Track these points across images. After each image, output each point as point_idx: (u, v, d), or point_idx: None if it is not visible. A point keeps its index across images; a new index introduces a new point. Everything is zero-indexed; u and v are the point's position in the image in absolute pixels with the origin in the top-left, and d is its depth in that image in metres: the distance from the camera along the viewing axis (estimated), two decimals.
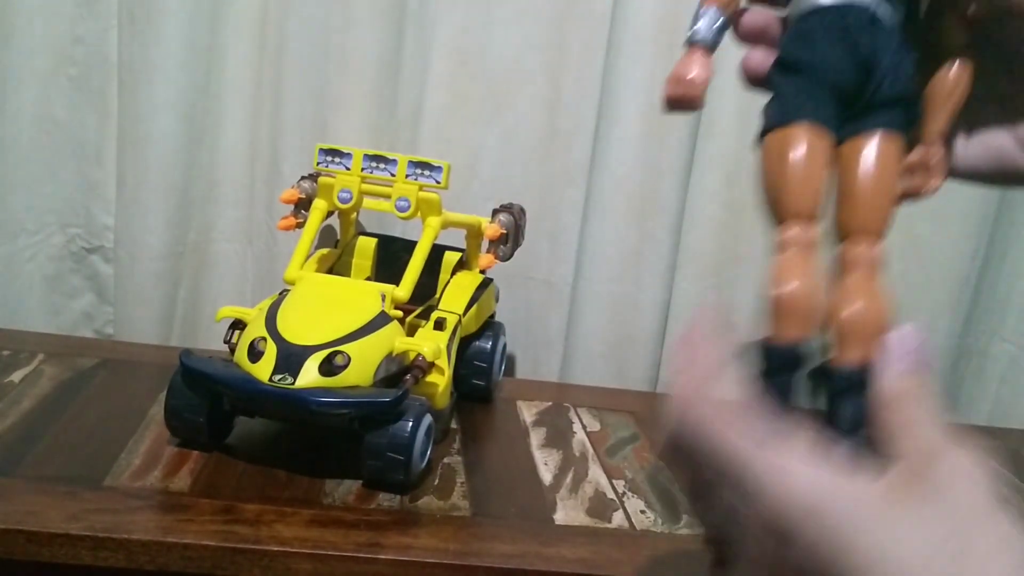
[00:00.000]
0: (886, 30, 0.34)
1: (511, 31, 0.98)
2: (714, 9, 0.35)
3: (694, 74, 0.34)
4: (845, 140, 0.33)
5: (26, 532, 0.60)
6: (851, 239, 0.33)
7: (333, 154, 0.83)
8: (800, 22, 0.34)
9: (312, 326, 0.71)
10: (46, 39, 0.93)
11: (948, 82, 0.36)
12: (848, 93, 0.33)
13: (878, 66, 0.33)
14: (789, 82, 0.34)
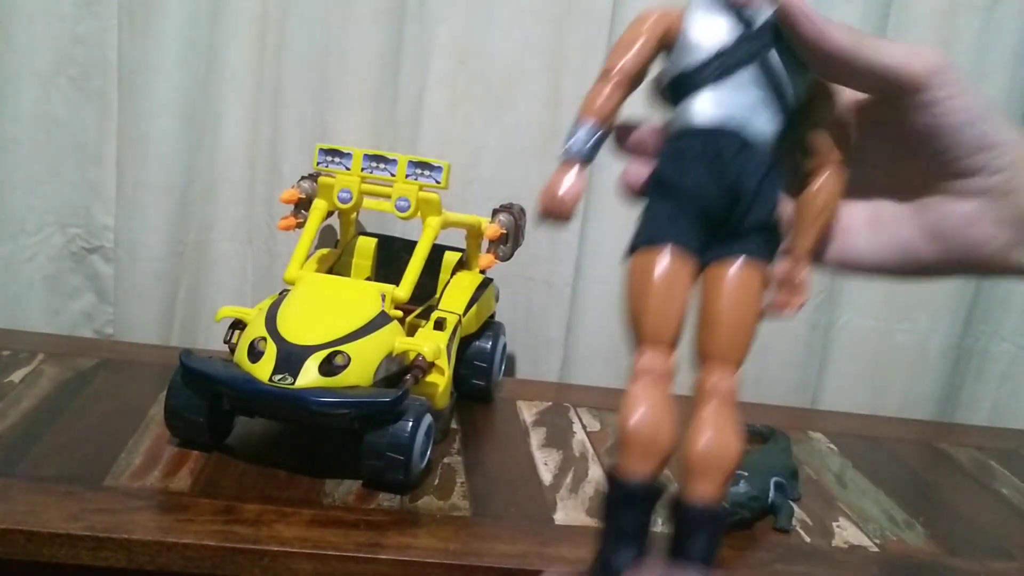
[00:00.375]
0: (756, 155, 0.33)
1: (511, 31, 0.98)
2: (590, 123, 0.34)
3: (565, 190, 0.34)
4: (710, 264, 0.33)
5: (26, 532, 0.60)
6: (708, 366, 0.33)
7: (333, 154, 0.83)
8: (675, 141, 0.34)
9: (312, 326, 0.71)
10: (46, 39, 0.93)
11: (819, 198, 0.36)
12: (715, 217, 0.33)
13: (743, 193, 0.33)
14: (659, 202, 0.34)
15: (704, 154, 0.33)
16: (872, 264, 0.37)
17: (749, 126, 0.34)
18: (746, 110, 0.34)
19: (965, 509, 0.84)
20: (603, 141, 0.35)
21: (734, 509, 0.71)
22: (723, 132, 0.34)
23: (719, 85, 0.34)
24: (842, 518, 0.78)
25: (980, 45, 1.01)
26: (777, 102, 0.34)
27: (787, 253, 0.36)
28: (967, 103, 0.34)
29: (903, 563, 0.72)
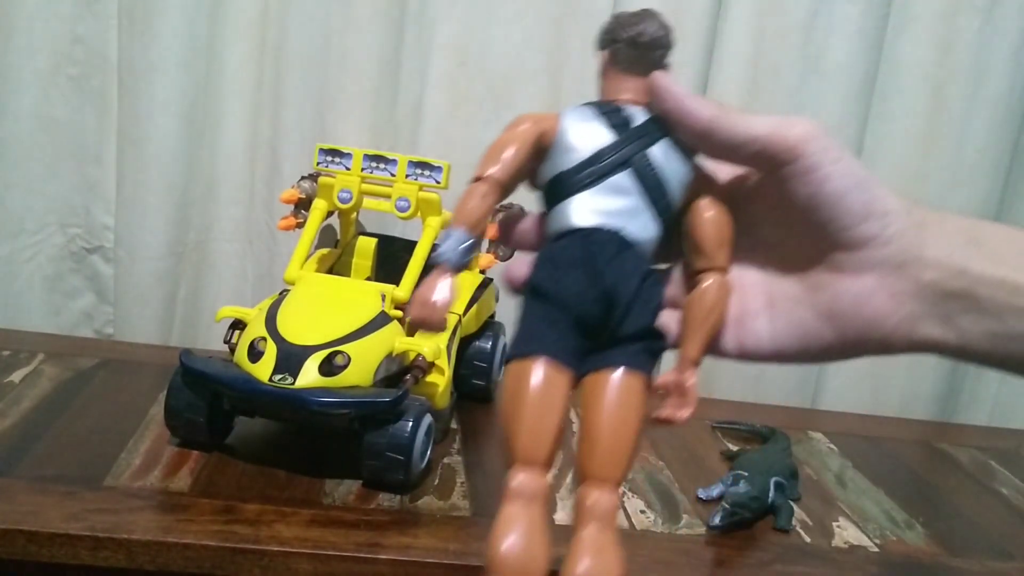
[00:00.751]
0: (633, 258, 0.33)
1: (511, 31, 0.98)
2: (461, 231, 0.34)
3: (436, 297, 0.33)
4: (589, 373, 0.32)
5: (26, 532, 0.60)
6: (587, 485, 0.32)
7: (333, 154, 0.83)
8: (553, 243, 0.34)
9: (312, 326, 0.71)
10: (46, 39, 0.93)
11: (705, 301, 0.35)
12: (592, 325, 0.32)
13: (620, 301, 0.32)
14: (536, 309, 0.33)
15: (579, 260, 0.33)
16: (772, 351, 0.36)
17: (626, 229, 0.33)
18: (623, 213, 0.34)
19: (965, 509, 0.84)
20: (474, 248, 0.34)
21: (734, 509, 0.71)
22: (599, 236, 0.33)
23: (596, 188, 0.34)
24: (842, 518, 0.78)
25: (980, 45, 1.01)
26: (657, 203, 0.34)
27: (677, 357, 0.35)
28: (845, 169, 0.33)
29: (903, 563, 0.72)
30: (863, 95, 1.01)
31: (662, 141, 0.34)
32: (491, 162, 0.34)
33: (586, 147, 0.34)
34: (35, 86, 0.94)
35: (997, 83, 1.02)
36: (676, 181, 0.34)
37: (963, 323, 0.33)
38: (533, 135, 0.34)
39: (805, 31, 0.99)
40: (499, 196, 0.34)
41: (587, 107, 0.35)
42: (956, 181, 1.05)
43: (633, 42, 0.34)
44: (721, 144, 0.34)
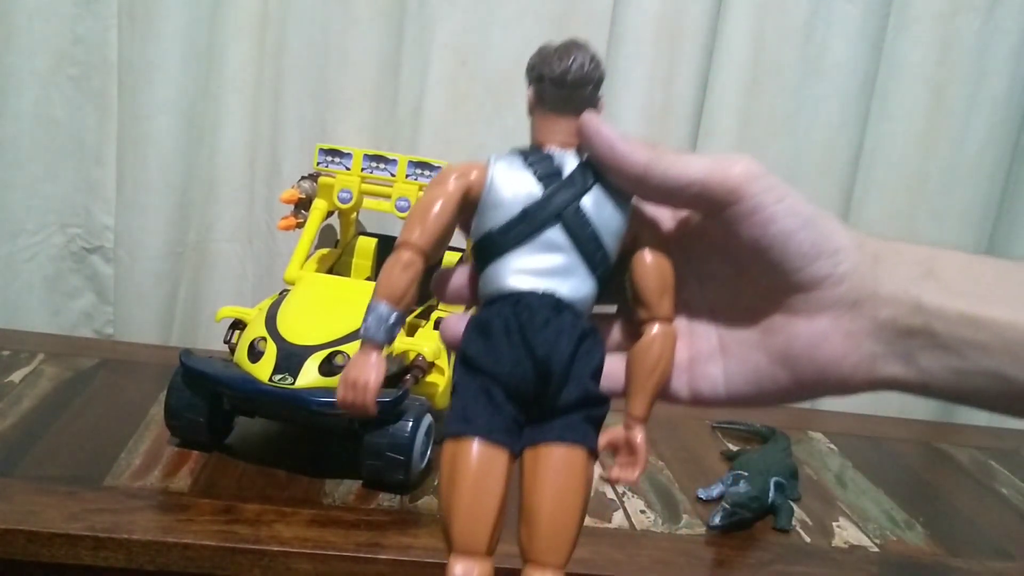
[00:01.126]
0: (568, 321, 0.31)
1: (511, 31, 0.98)
2: (385, 306, 0.32)
3: (365, 379, 0.31)
4: (527, 448, 0.31)
5: (26, 532, 0.60)
6: (531, 568, 0.31)
7: (333, 154, 0.83)
8: (484, 310, 0.32)
9: (312, 326, 0.71)
10: (46, 39, 0.93)
11: (650, 355, 0.33)
12: (527, 397, 0.31)
13: (555, 370, 0.30)
14: (468, 382, 0.31)
15: (510, 329, 0.31)
16: (727, 396, 0.35)
17: (559, 290, 0.32)
18: (556, 272, 0.32)
19: (965, 509, 0.84)
20: (401, 321, 0.32)
21: (734, 509, 0.71)
22: (530, 300, 0.31)
23: (526, 246, 0.32)
24: (842, 518, 0.78)
25: (980, 45, 1.01)
26: (591, 258, 0.32)
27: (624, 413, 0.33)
28: (790, 208, 0.31)
29: (903, 563, 0.72)
30: (863, 95, 1.01)
31: (595, 189, 0.32)
32: (413, 228, 0.32)
33: (514, 203, 0.32)
34: (35, 86, 0.94)
35: (997, 83, 1.02)
36: (611, 231, 0.32)
37: (923, 360, 0.31)
38: (457, 194, 0.32)
39: (805, 31, 0.99)
40: (423, 264, 0.32)
41: (515, 156, 0.33)
42: (956, 181, 1.05)
43: (559, 81, 0.32)
44: (657, 189, 0.32)
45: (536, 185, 0.32)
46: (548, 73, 0.32)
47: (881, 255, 0.32)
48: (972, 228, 1.07)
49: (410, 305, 0.32)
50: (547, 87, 0.32)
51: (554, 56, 0.32)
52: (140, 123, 0.94)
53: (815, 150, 1.02)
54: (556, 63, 0.32)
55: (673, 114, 0.99)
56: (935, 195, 1.05)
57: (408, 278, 0.32)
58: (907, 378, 0.32)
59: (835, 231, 0.32)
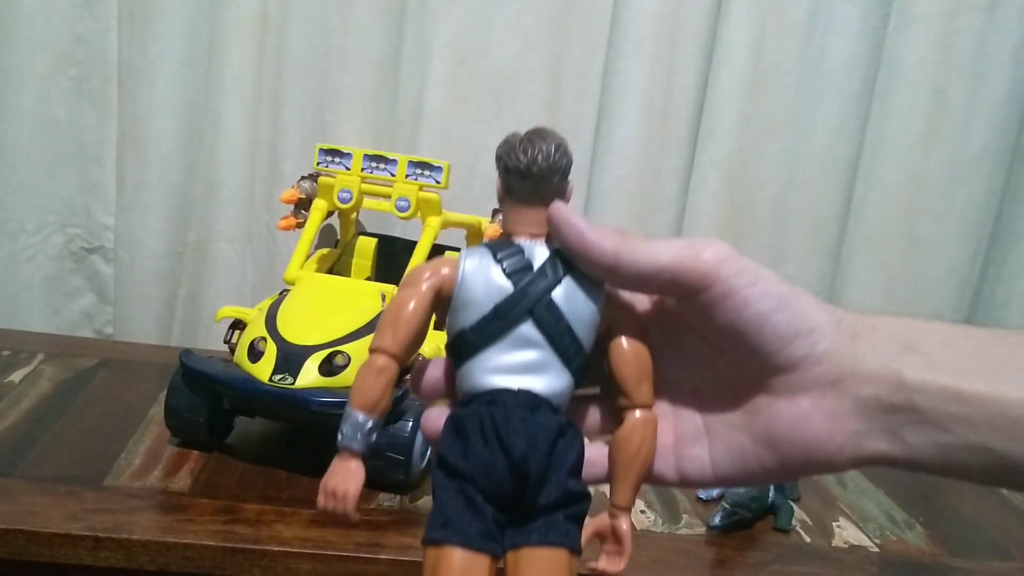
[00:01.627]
0: (544, 419, 0.31)
1: (511, 31, 0.98)
2: (360, 416, 0.32)
3: (344, 488, 0.32)
4: (511, 549, 0.30)
5: (26, 532, 0.60)
6: None
7: (333, 154, 0.83)
8: (460, 409, 0.32)
9: (312, 326, 0.71)
10: (46, 39, 0.93)
11: (631, 444, 0.33)
12: (506, 499, 0.30)
13: (533, 471, 0.30)
14: (446, 485, 0.30)
15: (487, 429, 0.30)
16: (714, 478, 0.34)
17: (535, 385, 0.31)
18: (530, 367, 0.31)
19: (965, 509, 0.84)
20: (377, 428, 0.32)
21: (734, 509, 0.71)
22: (505, 399, 0.31)
23: (499, 344, 0.32)
24: (842, 518, 0.78)
25: (980, 45, 1.01)
26: (566, 351, 0.32)
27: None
28: (763, 291, 0.31)
29: (903, 563, 0.72)
30: (863, 95, 1.01)
31: (566, 279, 0.32)
32: (386, 333, 0.32)
33: (485, 301, 0.31)
34: (35, 86, 0.94)
35: (997, 83, 1.02)
36: (584, 322, 0.32)
37: (909, 436, 0.31)
38: (429, 295, 0.32)
39: (805, 31, 0.99)
40: (397, 369, 0.32)
41: (485, 252, 0.32)
42: (956, 181, 1.05)
43: (525, 173, 0.32)
44: (628, 277, 0.32)
45: (505, 282, 0.32)
46: (514, 165, 0.32)
47: (859, 331, 0.32)
48: (972, 228, 1.07)
49: (386, 410, 0.32)
50: (513, 179, 0.32)
51: (519, 147, 0.32)
52: (140, 123, 0.94)
53: (815, 150, 1.02)
54: (521, 155, 0.32)
55: (673, 114, 0.99)
56: (935, 195, 1.05)
57: (383, 384, 0.32)
58: (894, 454, 0.31)
59: (811, 310, 0.32)
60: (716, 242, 0.31)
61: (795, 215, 1.04)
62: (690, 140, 1.00)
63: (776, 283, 0.31)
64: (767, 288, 0.31)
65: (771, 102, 1.01)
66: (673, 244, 0.31)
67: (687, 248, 0.31)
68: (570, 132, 1.10)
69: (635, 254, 0.31)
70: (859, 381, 0.31)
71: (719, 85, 1.00)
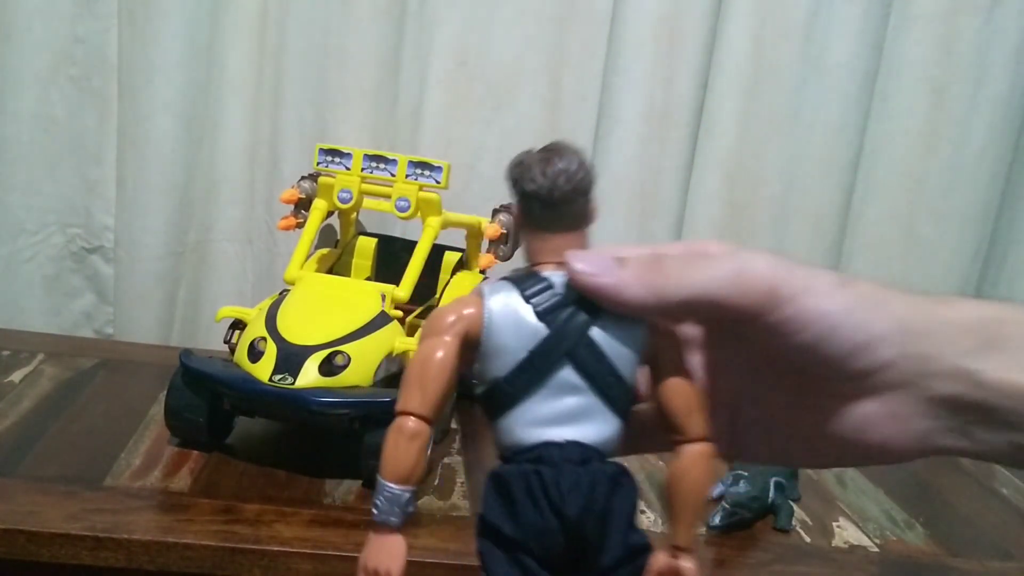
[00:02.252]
0: (597, 468, 0.28)
1: (511, 31, 0.98)
2: (394, 487, 0.29)
3: (386, 569, 0.30)
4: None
5: (26, 532, 0.60)
6: None
7: (333, 154, 0.83)
8: (503, 467, 0.29)
9: (312, 326, 0.71)
10: (46, 39, 0.93)
11: (685, 482, 0.30)
12: (563, 562, 0.28)
13: (588, 531, 0.28)
14: (497, 557, 0.28)
15: (534, 489, 0.28)
16: (769, 460, 0.34)
17: (583, 435, 0.29)
18: (575, 415, 0.29)
19: (965, 509, 0.84)
20: (415, 499, 0.30)
21: (734, 509, 0.71)
22: (552, 453, 0.28)
23: (538, 393, 0.29)
24: (842, 518, 0.78)
25: (981, 45, 1.01)
26: (610, 392, 0.29)
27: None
28: (822, 309, 0.28)
29: (903, 563, 0.72)
30: (863, 95, 1.01)
31: (603, 314, 0.29)
32: (413, 393, 0.29)
33: (518, 347, 0.29)
34: (35, 86, 0.94)
35: (997, 83, 1.02)
36: (628, 358, 0.29)
37: (981, 434, 0.29)
38: (455, 346, 0.29)
39: (805, 31, 0.99)
40: (430, 432, 0.29)
41: (510, 289, 0.29)
42: (956, 181, 1.05)
43: (545, 200, 0.29)
44: (670, 312, 0.29)
45: (537, 325, 0.29)
46: (532, 190, 0.29)
47: (930, 328, 0.30)
48: (972, 228, 1.07)
49: (423, 478, 0.30)
50: (533, 205, 0.29)
51: (536, 168, 0.29)
52: (140, 123, 0.94)
53: (815, 150, 1.02)
54: (540, 177, 0.29)
55: (673, 114, 0.99)
56: (935, 195, 1.05)
57: (416, 451, 0.29)
58: (962, 448, 0.31)
59: (874, 317, 0.29)
60: (765, 262, 0.29)
61: (795, 215, 1.04)
62: (690, 140, 1.00)
63: (832, 294, 0.29)
64: (826, 304, 0.29)
65: (771, 102, 1.01)
66: (713, 265, 0.29)
67: (734, 274, 0.28)
68: (570, 132, 1.10)
69: (675, 288, 0.29)
70: (930, 381, 0.29)
71: (719, 85, 1.00)
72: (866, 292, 0.30)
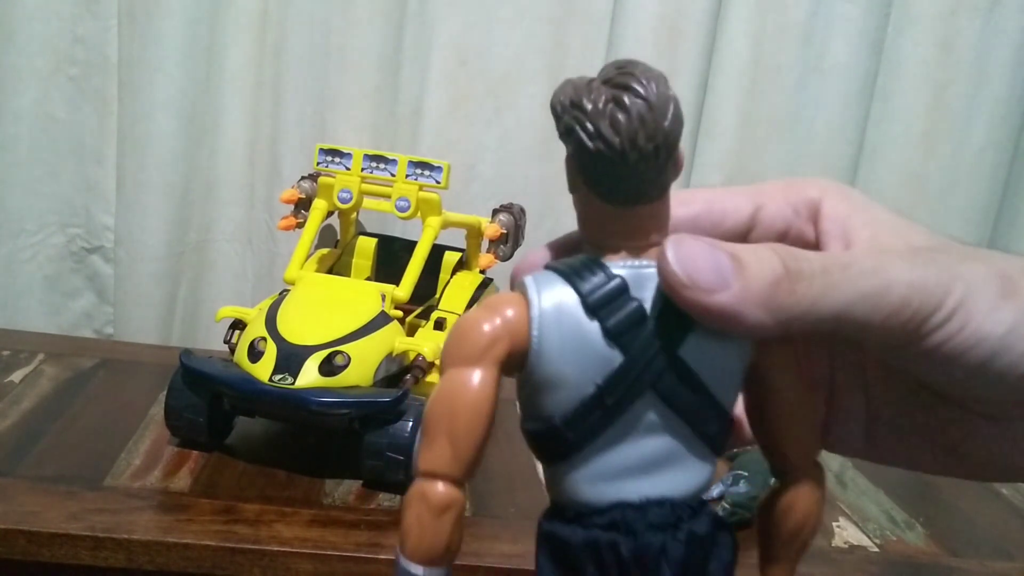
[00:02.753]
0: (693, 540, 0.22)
1: (511, 31, 0.98)
2: (417, 567, 0.22)
3: None
4: None
5: (26, 532, 0.60)
6: None
7: (333, 154, 0.83)
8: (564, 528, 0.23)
9: (312, 326, 0.71)
10: (46, 39, 0.93)
11: (791, 518, 0.25)
12: None
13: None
14: None
15: (609, 566, 0.22)
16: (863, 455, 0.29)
17: (670, 488, 0.22)
18: (659, 463, 0.22)
19: (965, 509, 0.84)
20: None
21: (734, 509, 0.71)
22: (633, 520, 0.22)
23: (609, 434, 0.22)
24: (842, 518, 0.78)
25: (981, 46, 1.01)
26: (706, 427, 0.23)
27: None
28: (982, 332, 0.23)
29: (903, 563, 0.72)
30: (863, 95, 1.01)
31: (697, 324, 0.22)
32: (441, 446, 0.22)
33: (580, 379, 0.21)
34: (35, 86, 0.94)
35: (997, 83, 1.02)
36: (731, 381, 0.23)
37: None
38: (495, 375, 0.22)
39: (805, 31, 0.99)
40: (463, 500, 0.23)
41: (566, 291, 0.22)
42: (956, 181, 1.05)
43: (617, 158, 0.21)
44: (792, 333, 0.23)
45: (607, 347, 0.21)
46: (594, 140, 0.20)
47: None
48: (972, 228, 1.07)
49: (456, 556, 0.23)
50: (596, 166, 0.21)
51: (603, 117, 0.20)
52: (140, 123, 0.94)
53: (815, 150, 1.02)
54: (608, 131, 0.20)
55: None
56: (935, 195, 1.05)
57: (449, 526, 0.22)
58: None
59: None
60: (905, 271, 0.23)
61: None
62: (690, 140, 1.00)
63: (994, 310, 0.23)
64: (986, 327, 0.23)
65: (771, 102, 1.01)
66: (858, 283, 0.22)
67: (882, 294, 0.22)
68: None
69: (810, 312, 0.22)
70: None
71: (719, 85, 1.00)
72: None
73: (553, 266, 0.22)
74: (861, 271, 0.22)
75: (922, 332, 0.23)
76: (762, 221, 0.26)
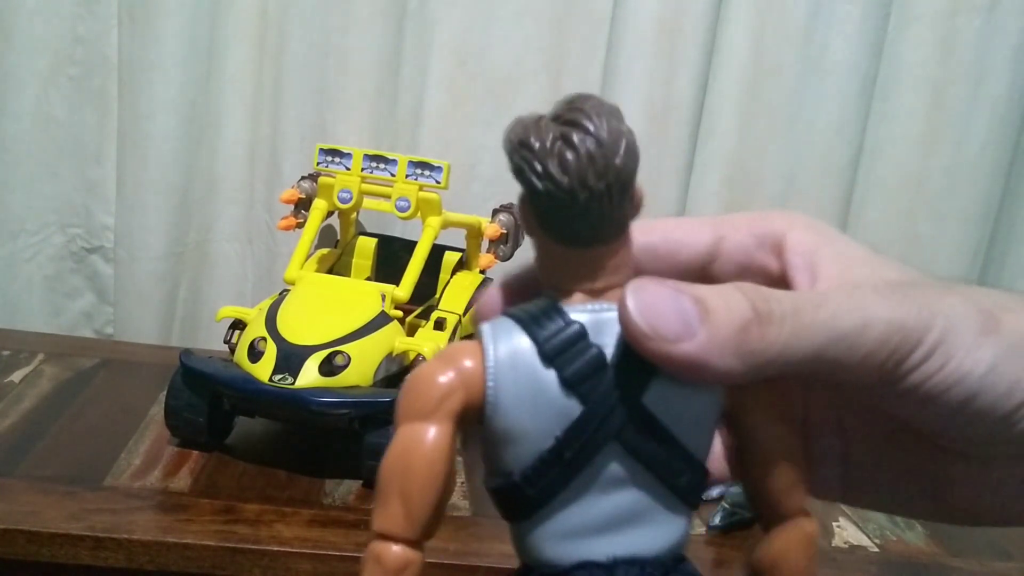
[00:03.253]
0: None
1: (511, 31, 0.98)
2: None
3: None
4: None
5: (26, 532, 0.60)
6: None
7: (333, 154, 0.83)
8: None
9: (312, 326, 0.71)
10: (46, 39, 0.93)
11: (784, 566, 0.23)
12: None
13: None
14: None
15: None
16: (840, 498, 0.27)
17: (640, 546, 0.21)
18: (627, 519, 0.21)
19: None
20: None
21: (734, 509, 0.71)
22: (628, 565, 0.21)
23: (572, 490, 0.21)
24: (842, 518, 0.78)
25: (980, 45, 1.01)
26: (676, 478, 0.21)
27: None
28: (962, 371, 0.22)
29: (903, 563, 0.72)
30: (863, 95, 1.01)
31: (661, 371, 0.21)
32: (394, 508, 0.20)
33: (538, 432, 0.20)
34: (35, 86, 0.94)
35: (997, 83, 1.02)
36: (702, 429, 0.21)
37: None
38: (449, 430, 0.21)
39: (805, 31, 0.99)
40: (421, 560, 0.21)
41: (522, 339, 0.20)
42: (956, 181, 1.05)
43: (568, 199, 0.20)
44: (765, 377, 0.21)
45: (570, 395, 0.20)
46: (543, 180, 0.19)
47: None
48: (972, 228, 1.07)
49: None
50: (545, 202, 0.20)
51: (550, 156, 0.20)
52: (140, 123, 0.94)
53: (815, 150, 1.02)
54: (556, 171, 0.19)
55: (673, 114, 0.99)
56: (935, 195, 1.05)
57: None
58: None
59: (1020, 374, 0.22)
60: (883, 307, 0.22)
61: None
62: (690, 140, 1.00)
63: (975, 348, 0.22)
64: (966, 365, 0.22)
65: (771, 102, 1.01)
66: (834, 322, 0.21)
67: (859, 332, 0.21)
68: None
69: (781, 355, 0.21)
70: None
71: (719, 85, 1.00)
72: (1018, 337, 0.22)
73: (510, 312, 0.21)
74: (836, 310, 0.21)
75: (901, 371, 0.22)
76: (723, 252, 0.26)
